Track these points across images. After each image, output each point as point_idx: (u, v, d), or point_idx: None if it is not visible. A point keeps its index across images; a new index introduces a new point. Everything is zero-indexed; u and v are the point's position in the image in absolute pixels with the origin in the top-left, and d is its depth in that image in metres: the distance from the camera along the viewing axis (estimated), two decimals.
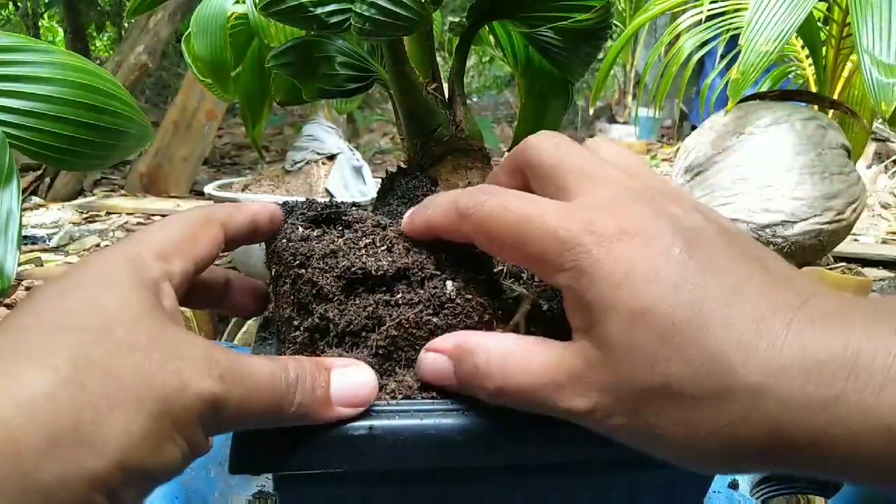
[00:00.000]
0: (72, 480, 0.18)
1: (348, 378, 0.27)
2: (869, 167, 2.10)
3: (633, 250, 0.22)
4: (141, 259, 0.25)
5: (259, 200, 1.28)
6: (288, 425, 0.26)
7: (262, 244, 0.36)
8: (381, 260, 0.31)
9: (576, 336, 0.24)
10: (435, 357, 0.28)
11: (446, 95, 0.45)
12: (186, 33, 0.70)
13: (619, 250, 0.22)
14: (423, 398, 0.29)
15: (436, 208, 0.29)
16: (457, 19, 0.47)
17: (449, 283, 0.31)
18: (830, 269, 1.03)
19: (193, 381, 0.21)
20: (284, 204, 0.35)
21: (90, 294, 0.23)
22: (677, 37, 1.29)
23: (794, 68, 1.28)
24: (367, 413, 0.27)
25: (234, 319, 1.22)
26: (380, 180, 0.45)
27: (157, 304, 0.24)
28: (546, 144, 0.27)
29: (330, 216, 0.34)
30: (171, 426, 0.21)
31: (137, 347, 0.21)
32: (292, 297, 0.32)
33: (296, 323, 0.32)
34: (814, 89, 1.17)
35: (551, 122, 0.53)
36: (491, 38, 0.52)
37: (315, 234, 0.33)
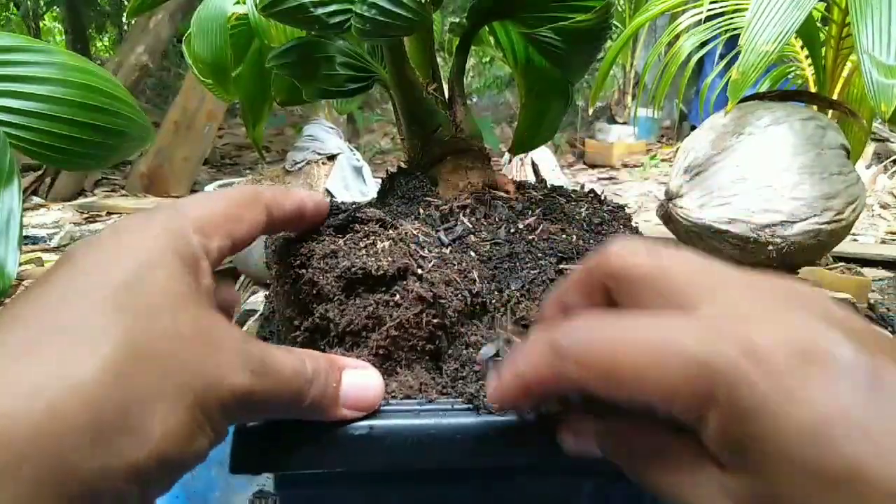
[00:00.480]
0: (112, 470, 0.18)
1: (357, 381, 0.27)
2: (868, 167, 2.10)
3: (814, 385, 0.17)
4: (183, 232, 0.24)
5: None
6: (296, 418, 0.26)
7: (265, 243, 0.36)
8: (381, 260, 0.31)
9: (730, 469, 0.19)
10: None
11: (446, 96, 0.45)
12: (187, 34, 0.70)
13: (796, 385, 0.17)
14: (423, 398, 0.29)
15: (525, 357, 0.22)
16: (457, 20, 0.47)
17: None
18: (829, 269, 1.03)
19: (229, 375, 0.22)
20: None
21: (134, 269, 0.22)
22: (677, 37, 1.29)
23: (793, 68, 1.28)
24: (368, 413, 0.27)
25: (234, 319, 1.22)
26: (380, 180, 0.45)
27: (197, 285, 0.23)
28: (636, 250, 0.23)
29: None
30: (204, 417, 0.21)
31: (181, 336, 0.21)
32: (293, 297, 0.32)
33: (296, 323, 0.32)
34: (813, 89, 1.17)
35: (551, 122, 0.53)
36: (491, 38, 0.52)
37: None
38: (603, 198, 0.45)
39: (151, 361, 0.20)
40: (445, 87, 0.45)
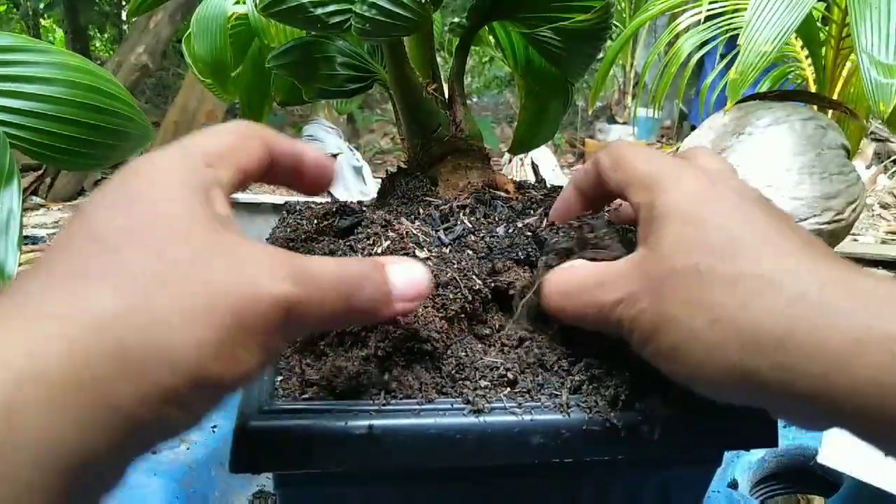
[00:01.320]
0: (148, 396, 0.18)
1: (404, 272, 0.26)
2: (868, 167, 2.10)
3: (702, 183, 0.26)
4: (192, 165, 0.24)
5: (260, 199, 1.27)
6: (355, 323, 0.26)
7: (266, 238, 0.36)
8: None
9: (637, 249, 0.27)
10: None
11: (446, 96, 0.45)
12: (187, 34, 0.70)
13: (691, 180, 0.26)
14: (422, 398, 0.29)
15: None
16: (457, 20, 0.47)
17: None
18: None
19: (266, 286, 0.21)
20: (286, 204, 0.35)
21: (145, 207, 0.22)
22: (677, 37, 1.29)
23: (793, 68, 1.28)
24: (366, 413, 0.27)
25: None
26: (380, 180, 0.45)
27: (211, 211, 0.23)
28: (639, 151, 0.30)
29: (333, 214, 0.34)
30: (245, 334, 0.20)
31: (203, 257, 0.21)
32: None
33: None
34: (813, 89, 1.17)
35: (551, 122, 0.53)
36: (491, 38, 0.52)
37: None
38: None
39: (174, 285, 0.20)
40: (445, 87, 0.45)
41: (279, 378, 0.31)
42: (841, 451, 0.48)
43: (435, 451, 0.27)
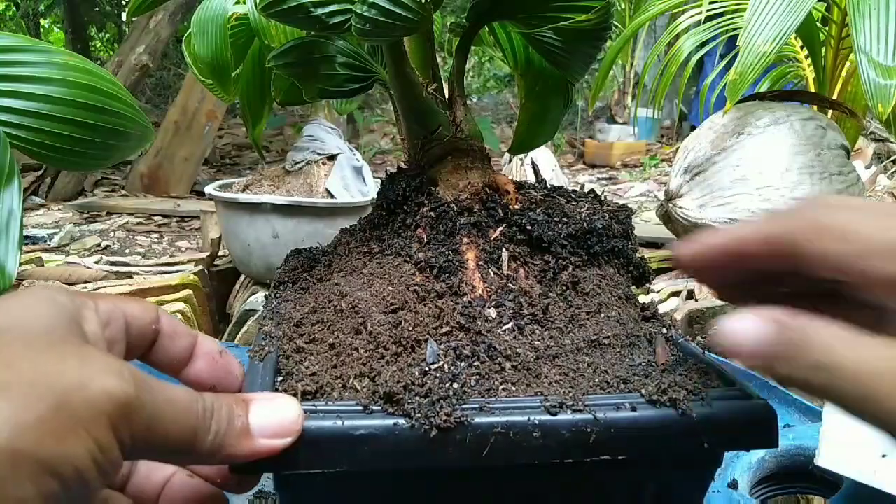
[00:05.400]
0: None
1: (269, 408, 0.26)
2: (868, 167, 2.10)
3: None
4: (68, 293, 0.25)
5: (260, 199, 1.26)
6: (210, 463, 0.25)
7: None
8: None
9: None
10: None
11: (446, 96, 0.45)
12: (187, 34, 0.70)
13: None
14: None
15: None
16: (456, 20, 0.47)
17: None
18: None
19: (98, 378, 0.21)
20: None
21: (10, 320, 0.22)
22: (677, 37, 1.29)
23: (793, 68, 1.28)
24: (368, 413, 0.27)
25: (234, 319, 1.22)
26: (380, 180, 0.45)
27: (72, 323, 0.23)
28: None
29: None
30: (73, 419, 0.20)
31: (36, 345, 0.21)
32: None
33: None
34: (813, 89, 1.17)
35: (552, 122, 0.53)
36: (491, 38, 0.52)
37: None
38: (603, 198, 0.45)
39: (16, 387, 0.20)
40: (445, 87, 0.45)
41: (279, 378, 0.31)
42: (838, 453, 0.48)
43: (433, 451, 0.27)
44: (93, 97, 0.52)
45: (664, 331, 0.37)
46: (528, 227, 0.39)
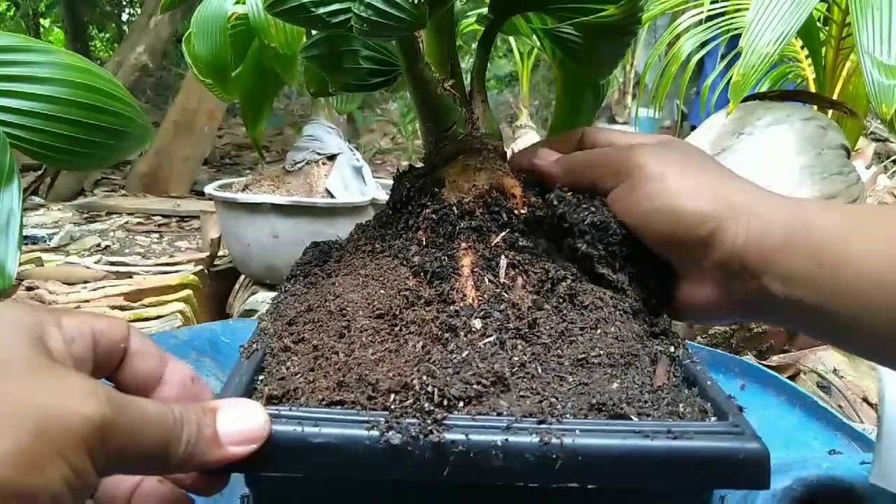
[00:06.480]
0: None
1: (235, 415, 0.26)
2: (868, 167, 2.10)
3: (662, 153, 0.38)
4: (25, 309, 0.25)
5: (261, 199, 1.26)
6: (180, 472, 0.25)
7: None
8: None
9: None
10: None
11: (467, 92, 0.44)
12: (187, 33, 0.70)
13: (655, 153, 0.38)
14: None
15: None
16: (470, 14, 0.46)
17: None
18: None
19: (74, 402, 0.21)
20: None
21: None
22: (677, 37, 1.29)
23: (793, 68, 1.28)
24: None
25: (235, 315, 1.22)
26: (380, 181, 0.45)
27: (38, 343, 0.23)
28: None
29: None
30: (52, 447, 0.20)
31: (10, 373, 0.21)
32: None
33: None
34: (813, 89, 1.17)
35: (586, 113, 0.52)
36: (527, 27, 0.51)
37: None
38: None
39: None
40: (467, 82, 0.44)
41: (259, 377, 0.31)
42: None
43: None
44: (93, 97, 0.52)
45: (671, 349, 0.35)
46: (554, 203, 0.38)
